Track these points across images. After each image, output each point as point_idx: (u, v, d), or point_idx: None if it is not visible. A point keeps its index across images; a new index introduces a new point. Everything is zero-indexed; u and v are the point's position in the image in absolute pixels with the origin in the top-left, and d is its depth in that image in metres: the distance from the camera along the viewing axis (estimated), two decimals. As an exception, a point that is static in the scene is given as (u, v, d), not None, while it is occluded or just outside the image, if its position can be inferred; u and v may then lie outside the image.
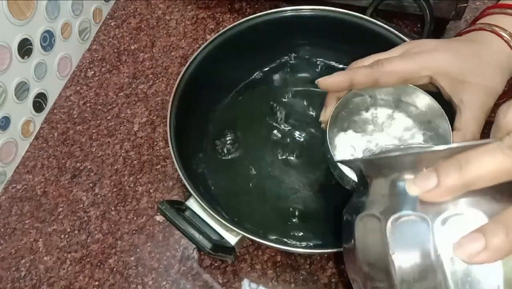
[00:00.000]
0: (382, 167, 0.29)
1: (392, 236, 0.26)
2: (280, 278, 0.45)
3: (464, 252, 0.23)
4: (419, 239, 0.25)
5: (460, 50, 0.38)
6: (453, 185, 0.24)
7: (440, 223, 0.25)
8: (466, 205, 0.25)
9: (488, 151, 0.24)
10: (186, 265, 0.47)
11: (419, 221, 0.26)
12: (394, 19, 0.59)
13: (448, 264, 0.24)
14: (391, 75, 0.37)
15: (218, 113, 0.53)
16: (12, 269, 0.49)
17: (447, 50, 0.37)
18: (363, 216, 0.29)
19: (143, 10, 0.66)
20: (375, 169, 0.30)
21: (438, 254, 0.25)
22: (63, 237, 0.50)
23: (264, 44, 0.52)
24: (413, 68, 0.37)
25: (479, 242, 0.22)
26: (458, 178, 0.24)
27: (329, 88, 0.39)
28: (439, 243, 0.25)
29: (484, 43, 0.38)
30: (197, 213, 0.41)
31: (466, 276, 0.24)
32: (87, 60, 0.63)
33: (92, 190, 0.52)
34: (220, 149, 0.51)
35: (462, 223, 0.25)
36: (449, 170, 0.24)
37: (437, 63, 0.37)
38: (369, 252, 0.29)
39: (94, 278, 0.47)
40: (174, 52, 0.62)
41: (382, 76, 0.37)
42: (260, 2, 0.64)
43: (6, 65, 0.50)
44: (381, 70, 0.37)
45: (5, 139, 0.53)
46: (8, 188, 0.54)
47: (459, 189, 0.24)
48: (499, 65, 0.37)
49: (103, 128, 0.57)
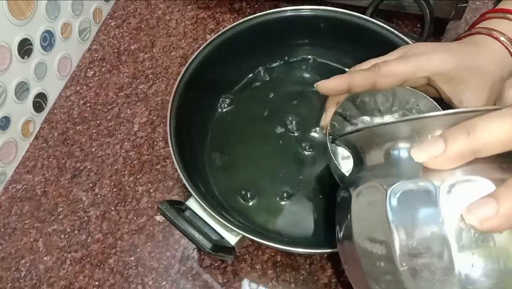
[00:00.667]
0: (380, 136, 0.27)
1: (393, 205, 0.25)
2: (280, 278, 0.45)
3: (474, 218, 0.22)
4: (422, 208, 0.24)
5: (456, 51, 0.38)
6: (460, 150, 0.23)
7: (445, 190, 0.23)
8: (473, 173, 0.23)
9: (497, 116, 0.22)
10: (186, 265, 0.47)
11: (423, 189, 0.24)
12: (394, 19, 0.59)
13: (453, 234, 0.23)
14: (388, 77, 0.37)
15: (218, 113, 0.53)
16: (12, 269, 0.49)
17: (442, 52, 0.38)
18: (361, 189, 0.28)
19: (143, 10, 0.66)
20: (371, 140, 0.28)
21: (443, 223, 0.23)
22: (63, 237, 0.50)
23: (264, 44, 0.52)
24: (410, 70, 0.37)
25: (490, 206, 0.21)
26: (466, 143, 0.22)
27: (328, 91, 0.39)
28: (444, 211, 0.23)
29: (481, 45, 0.38)
30: (197, 213, 0.41)
31: (473, 247, 0.22)
32: (87, 60, 0.63)
33: (92, 190, 0.52)
34: (220, 148, 0.51)
35: (469, 190, 0.23)
36: (456, 135, 0.23)
37: (433, 64, 0.37)
38: (367, 225, 0.27)
39: (94, 278, 0.47)
40: (174, 52, 0.62)
41: (380, 79, 0.37)
42: (260, 2, 0.64)
43: (6, 65, 0.50)
44: (379, 72, 0.37)
45: (5, 139, 0.53)
46: (8, 188, 0.54)
47: (467, 156, 0.23)
48: (497, 66, 0.37)
49: (103, 128, 0.57)
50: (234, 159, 0.50)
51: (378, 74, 0.37)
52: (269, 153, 0.50)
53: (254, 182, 0.48)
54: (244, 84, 0.55)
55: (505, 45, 0.37)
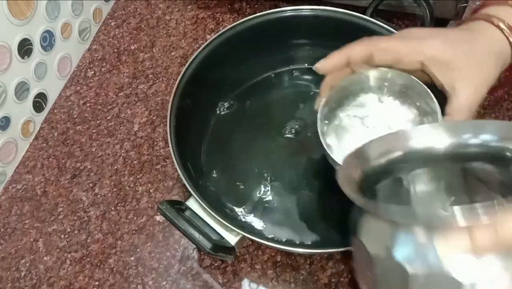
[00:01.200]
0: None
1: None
2: (280, 278, 0.45)
3: None
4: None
5: (453, 38, 0.38)
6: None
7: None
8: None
9: None
10: (186, 265, 0.47)
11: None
12: (394, 19, 0.59)
13: None
14: (385, 53, 0.38)
15: (218, 113, 0.53)
16: (12, 269, 0.49)
17: (438, 37, 0.37)
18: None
19: (143, 10, 0.66)
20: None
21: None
22: (63, 237, 0.50)
23: (264, 44, 0.52)
24: (406, 50, 0.37)
25: None
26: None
27: (328, 70, 0.39)
28: None
29: (479, 32, 0.38)
30: (197, 213, 0.41)
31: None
32: (87, 60, 0.63)
33: (92, 190, 0.52)
34: (221, 148, 0.51)
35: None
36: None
37: (428, 49, 0.37)
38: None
39: (94, 278, 0.47)
40: (174, 52, 0.62)
41: (377, 53, 0.38)
42: (260, 2, 0.64)
43: (6, 65, 0.50)
44: (377, 46, 0.38)
45: (5, 139, 0.53)
46: (8, 188, 0.54)
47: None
48: (493, 54, 0.37)
49: (103, 128, 0.57)
50: (235, 159, 0.50)
51: (376, 48, 0.38)
52: (269, 152, 0.50)
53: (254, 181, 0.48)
54: (244, 84, 0.55)
55: (504, 33, 0.37)
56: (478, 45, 0.37)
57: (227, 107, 0.53)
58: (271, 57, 0.55)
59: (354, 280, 0.44)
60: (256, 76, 0.55)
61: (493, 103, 0.53)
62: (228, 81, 0.54)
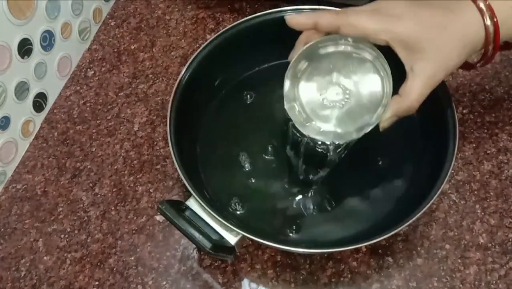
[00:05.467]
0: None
1: None
2: (280, 278, 0.45)
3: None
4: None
5: (425, 19, 0.37)
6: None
7: None
8: None
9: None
10: (186, 265, 0.47)
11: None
12: (394, 19, 0.59)
13: None
14: (352, 28, 0.38)
15: (218, 113, 0.53)
16: (12, 269, 0.49)
17: (410, 18, 0.37)
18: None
19: (143, 10, 0.66)
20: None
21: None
22: (63, 237, 0.50)
23: (264, 44, 0.52)
24: (374, 29, 0.38)
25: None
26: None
27: (294, 26, 0.41)
28: None
29: (456, 11, 0.37)
30: (197, 213, 0.41)
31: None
32: (87, 60, 0.63)
33: (92, 190, 0.53)
34: (221, 148, 0.51)
35: None
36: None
37: (397, 29, 0.37)
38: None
39: (94, 278, 0.47)
40: (174, 52, 0.62)
41: (344, 26, 0.38)
42: (260, 2, 0.64)
43: (6, 65, 0.50)
44: (346, 20, 0.38)
45: (5, 139, 0.53)
46: (8, 187, 0.54)
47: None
48: (462, 39, 0.37)
49: (103, 128, 0.57)
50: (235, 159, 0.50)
51: (345, 21, 0.38)
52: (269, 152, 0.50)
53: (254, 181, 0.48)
54: (244, 84, 0.55)
55: (482, 13, 0.36)
56: (450, 31, 0.37)
57: (228, 107, 0.53)
58: (272, 57, 0.55)
59: (354, 280, 0.44)
60: (256, 76, 0.55)
61: (493, 103, 0.53)
62: (228, 81, 0.54)
